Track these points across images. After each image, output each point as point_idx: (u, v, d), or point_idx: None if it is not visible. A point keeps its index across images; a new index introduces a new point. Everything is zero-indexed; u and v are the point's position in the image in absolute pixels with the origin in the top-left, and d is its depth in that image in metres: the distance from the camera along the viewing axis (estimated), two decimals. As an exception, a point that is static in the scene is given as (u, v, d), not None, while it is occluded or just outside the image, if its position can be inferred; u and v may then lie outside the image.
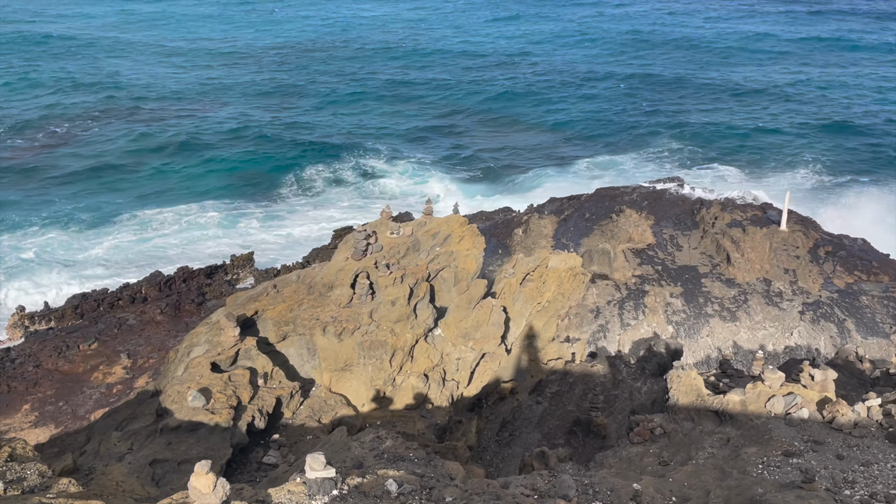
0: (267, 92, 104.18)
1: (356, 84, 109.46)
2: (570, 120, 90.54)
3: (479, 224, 44.80)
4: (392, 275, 22.43)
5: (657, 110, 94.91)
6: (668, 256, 39.26)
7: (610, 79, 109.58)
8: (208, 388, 18.24)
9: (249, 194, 67.56)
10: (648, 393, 25.14)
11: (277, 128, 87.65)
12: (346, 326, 21.35)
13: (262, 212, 63.91)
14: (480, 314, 23.40)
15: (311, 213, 63.89)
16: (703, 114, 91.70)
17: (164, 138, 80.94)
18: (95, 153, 75.73)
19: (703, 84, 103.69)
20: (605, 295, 35.17)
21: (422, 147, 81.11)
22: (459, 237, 25.20)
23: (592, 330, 32.55)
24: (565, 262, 27.18)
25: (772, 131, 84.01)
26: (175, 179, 70.68)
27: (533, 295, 26.27)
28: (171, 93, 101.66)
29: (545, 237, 40.48)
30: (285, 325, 21.78)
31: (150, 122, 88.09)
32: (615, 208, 43.82)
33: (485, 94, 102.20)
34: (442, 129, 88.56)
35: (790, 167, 73.00)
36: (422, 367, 22.37)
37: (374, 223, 25.31)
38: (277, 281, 24.11)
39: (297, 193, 68.84)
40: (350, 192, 69.24)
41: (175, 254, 53.24)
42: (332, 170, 74.16)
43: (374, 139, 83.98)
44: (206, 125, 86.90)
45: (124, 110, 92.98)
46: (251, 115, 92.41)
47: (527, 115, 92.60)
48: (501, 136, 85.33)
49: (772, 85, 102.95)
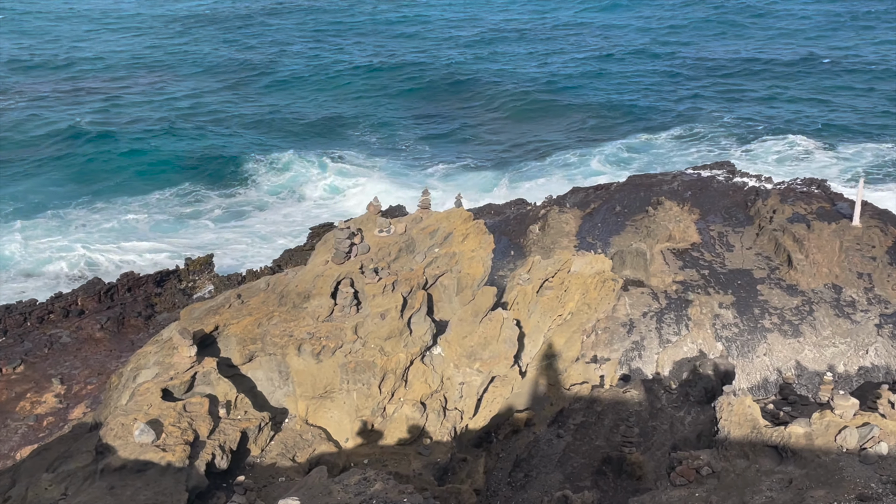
0: (224, 64, 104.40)
1: (337, 54, 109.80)
2: (597, 95, 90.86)
3: (487, 220, 44.94)
4: (381, 281, 22.47)
5: (702, 79, 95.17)
6: (716, 258, 39.32)
7: (645, 48, 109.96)
8: (159, 420, 18.31)
9: (207, 185, 67.66)
10: (693, 424, 25.06)
11: (238, 106, 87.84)
12: (325, 344, 21.43)
13: (222, 206, 63.98)
14: (489, 329, 23.39)
15: (283, 207, 64.03)
16: (759, 85, 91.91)
17: (93, 119, 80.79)
18: (15, 137, 75.74)
19: (755, 57, 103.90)
20: (641, 305, 35.22)
21: (416, 130, 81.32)
22: (463, 235, 25.13)
23: (625, 348, 32.74)
24: (591, 265, 27.08)
25: (844, 107, 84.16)
26: (113, 168, 70.72)
27: (552, 306, 26.15)
28: (107, 66, 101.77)
29: (567, 235, 40.61)
30: (252, 344, 21.86)
31: (74, 99, 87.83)
32: (652, 200, 44.03)
33: (490, 68, 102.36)
34: (439, 109, 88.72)
35: (867, 144, 72.98)
36: (418, 394, 22.41)
37: (359, 219, 25.31)
38: (242, 289, 24.14)
39: (265, 184, 68.91)
40: (329, 183, 69.36)
41: (117, 258, 53.43)
42: (307, 156, 74.21)
43: (358, 120, 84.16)
44: (149, 103, 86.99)
45: (46, 84, 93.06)
46: (205, 90, 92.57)
47: (544, 90, 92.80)
48: (512, 115, 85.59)
49: (846, 55, 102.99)
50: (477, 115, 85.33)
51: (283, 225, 59.85)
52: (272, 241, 56.09)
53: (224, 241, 56.47)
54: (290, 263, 43.84)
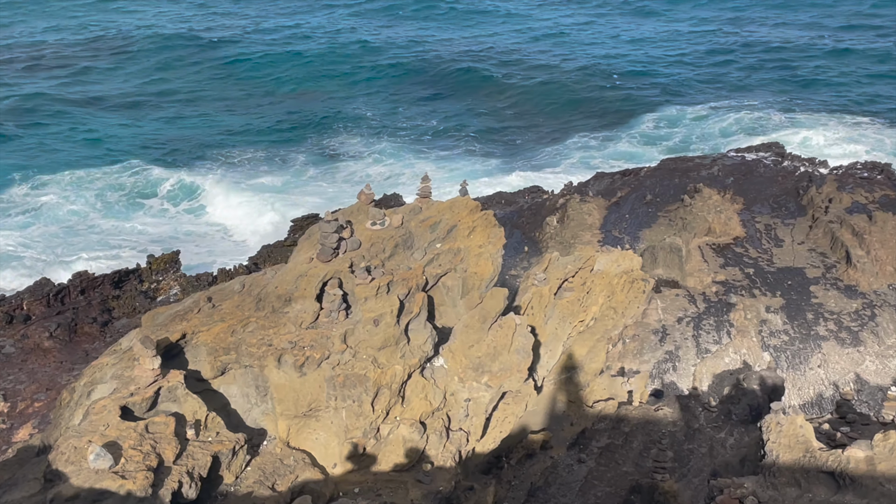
0: (192, 28, 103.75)
1: (323, 18, 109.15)
2: (622, 66, 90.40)
3: (497, 210, 45.37)
4: (375, 282, 22.35)
5: (747, 49, 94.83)
6: (762, 255, 39.33)
7: (679, 11, 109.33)
8: (117, 443, 18.22)
9: (170, 168, 67.28)
10: (736, 447, 24.96)
11: (207, 75, 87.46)
12: (309, 355, 21.35)
13: (190, 193, 63.58)
14: (499, 337, 23.25)
15: (260, 195, 63.83)
16: (813, 58, 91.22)
17: (31, 90, 79.96)
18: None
19: (812, 23, 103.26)
20: (675, 310, 35.19)
21: (414, 108, 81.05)
22: (469, 229, 24.98)
23: (657, 359, 32.69)
24: (618, 263, 26.84)
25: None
26: (59, 142, 70.11)
27: (573, 310, 25.98)
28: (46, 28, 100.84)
29: (590, 228, 40.62)
30: (225, 354, 21.80)
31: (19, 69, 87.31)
32: (688, 187, 44.13)
33: (500, 41, 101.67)
34: (441, 84, 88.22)
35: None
36: (417, 412, 22.28)
37: (348, 210, 25.22)
38: (214, 291, 24.09)
39: (238, 167, 68.63)
40: (314, 167, 69.13)
41: (67, 253, 53.25)
42: (289, 134, 73.95)
43: (347, 95, 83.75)
44: (100, 70, 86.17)
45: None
46: (169, 57, 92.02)
47: (560, 62, 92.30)
48: (525, 91, 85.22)
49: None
50: (483, 90, 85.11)
51: (263, 219, 59.52)
52: (249, 236, 55.83)
53: (193, 234, 56.55)
54: (268, 262, 43.60)
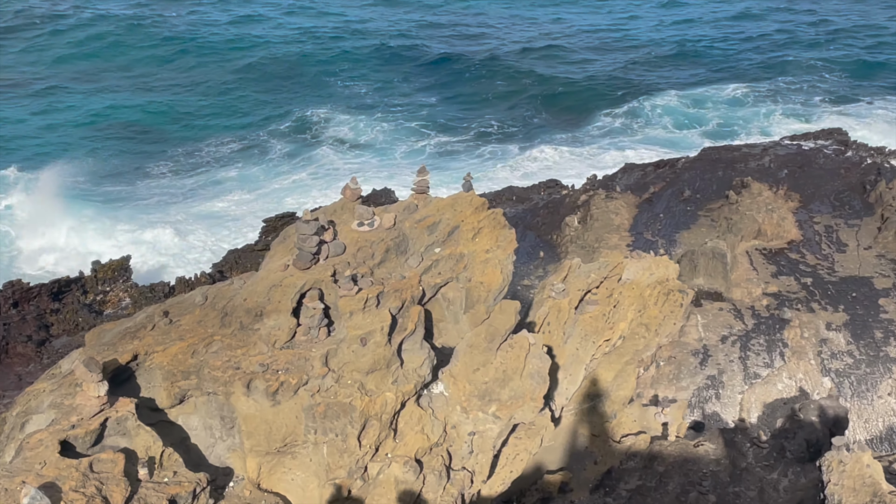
0: (141, 2, 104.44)
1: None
2: (649, 35, 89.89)
3: (507, 208, 45.70)
4: (362, 294, 22.33)
5: (804, 21, 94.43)
6: (822, 262, 39.26)
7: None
8: (56, 484, 18.09)
9: (117, 160, 67.38)
10: (790, 490, 25.14)
11: (160, 59, 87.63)
12: (284, 380, 21.35)
13: (139, 189, 63.60)
14: (509, 359, 23.26)
15: (224, 191, 63.80)
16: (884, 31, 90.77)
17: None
18: None
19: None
20: (719, 326, 35.11)
21: (410, 88, 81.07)
22: (474, 230, 25.14)
23: (697, 385, 32.69)
24: (651, 271, 27.04)
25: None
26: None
27: (597, 327, 26.08)
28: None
29: (617, 230, 40.60)
30: (184, 379, 21.84)
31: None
32: (734, 181, 44.81)
33: (503, 8, 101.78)
34: (441, 61, 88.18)
35: None
36: (412, 448, 22.31)
37: (330, 208, 25.24)
38: (171, 304, 24.12)
39: (197, 159, 68.83)
40: (290, 157, 69.17)
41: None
42: (257, 121, 74.18)
43: (331, 71, 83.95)
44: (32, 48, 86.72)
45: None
46: (118, 32, 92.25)
47: (578, 32, 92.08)
48: (536, 64, 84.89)
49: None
50: (490, 68, 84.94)
51: (230, 219, 59.40)
52: (214, 236, 55.67)
53: (140, 239, 55.73)
54: (236, 269, 43.84)
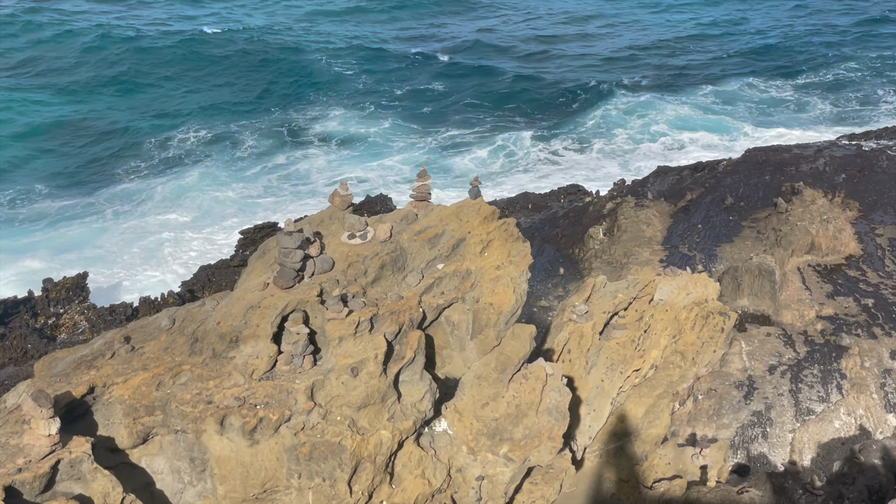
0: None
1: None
2: (684, 15, 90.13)
3: (521, 217, 45.61)
4: (353, 316, 22.18)
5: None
6: (886, 280, 39.24)
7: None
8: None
9: (72, 164, 67.23)
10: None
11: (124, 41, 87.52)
12: (264, 416, 21.23)
13: (99, 195, 63.32)
14: (523, 393, 23.17)
15: (193, 197, 63.86)
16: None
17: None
18: None
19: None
20: (766, 355, 34.82)
21: (411, 79, 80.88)
22: (482, 243, 25.09)
23: (741, 422, 32.37)
24: (687, 291, 27.08)
25: None
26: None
27: (625, 355, 25.98)
28: None
29: (648, 243, 40.54)
30: (149, 415, 21.65)
31: None
32: (783, 187, 43.84)
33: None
34: (442, 38, 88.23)
35: None
36: (412, 495, 22.30)
37: (317, 217, 25.19)
38: (133, 329, 23.97)
39: (162, 162, 68.87)
40: (269, 157, 69.15)
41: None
42: (231, 119, 74.29)
43: (319, 57, 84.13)
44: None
45: None
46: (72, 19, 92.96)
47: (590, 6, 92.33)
48: (555, 48, 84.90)
49: None
50: (501, 53, 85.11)
51: (199, 230, 59.28)
52: (183, 250, 55.14)
53: (97, 255, 55.23)
54: (208, 289, 43.92)
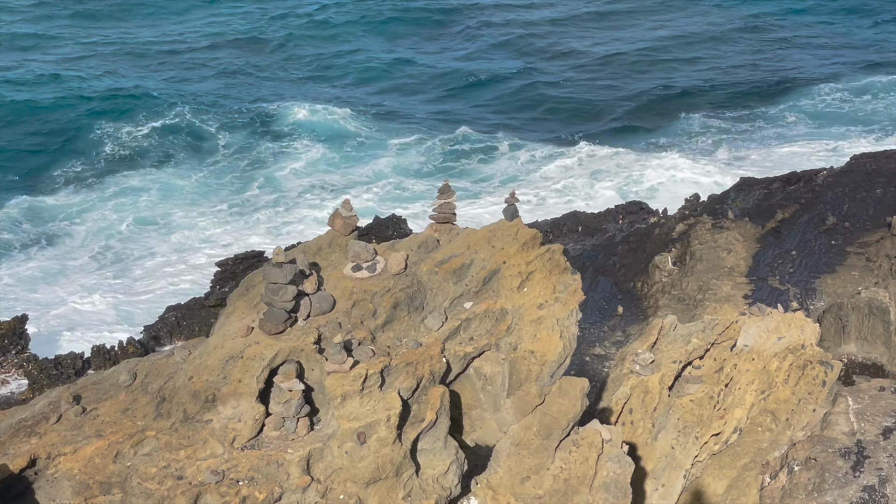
0: None
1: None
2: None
3: (569, 243, 44.49)
4: (359, 369, 20.78)
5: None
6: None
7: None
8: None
9: (12, 183, 66.67)
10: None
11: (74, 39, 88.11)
12: (248, 494, 19.93)
13: (40, 225, 61.97)
14: (573, 463, 21.61)
15: (161, 215, 63.01)
16: None
17: None
18: None
19: None
20: (879, 414, 33.42)
21: (424, 64, 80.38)
22: (521, 276, 23.81)
23: (849, 499, 31.00)
24: (779, 334, 26.45)
25: None
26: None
27: (702, 416, 25.12)
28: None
29: (729, 274, 39.91)
30: (104, 493, 20.56)
31: None
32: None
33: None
34: (462, 36, 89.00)
35: None
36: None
37: (313, 245, 24.02)
38: (84, 386, 22.86)
39: (122, 173, 68.31)
40: (255, 168, 68.49)
41: None
42: (211, 126, 74.08)
43: (305, 54, 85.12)
44: None
45: None
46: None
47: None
48: (607, 45, 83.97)
49: None
50: (543, 49, 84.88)
51: (170, 262, 56.73)
52: (147, 286, 53.42)
53: (40, 301, 53.58)
54: (177, 334, 42.87)
